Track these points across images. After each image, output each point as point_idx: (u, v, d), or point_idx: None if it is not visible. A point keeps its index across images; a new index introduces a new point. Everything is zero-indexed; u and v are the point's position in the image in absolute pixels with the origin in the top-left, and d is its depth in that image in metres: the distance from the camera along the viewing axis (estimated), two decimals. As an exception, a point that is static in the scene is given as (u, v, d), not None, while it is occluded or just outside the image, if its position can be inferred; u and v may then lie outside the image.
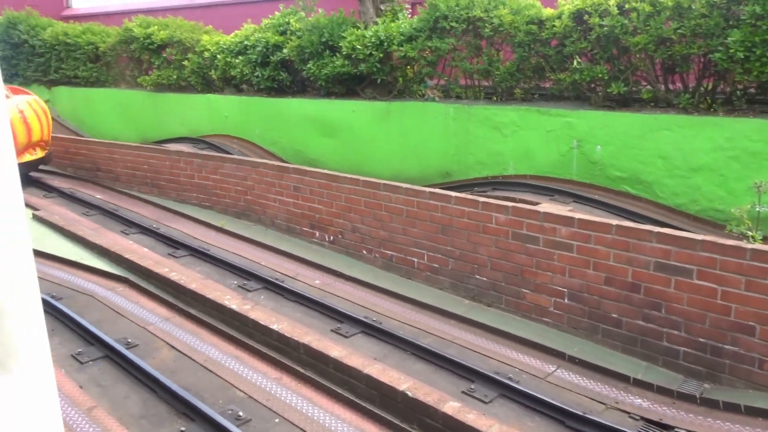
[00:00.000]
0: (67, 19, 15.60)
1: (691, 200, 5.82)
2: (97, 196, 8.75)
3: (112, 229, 7.34)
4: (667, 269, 4.07)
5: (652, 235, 4.14)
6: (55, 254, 6.31)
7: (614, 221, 4.45)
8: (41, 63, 13.23)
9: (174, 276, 5.62)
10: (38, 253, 6.31)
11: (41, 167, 9.71)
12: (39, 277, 4.20)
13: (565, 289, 4.68)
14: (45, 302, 5.08)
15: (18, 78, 13.77)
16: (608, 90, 6.35)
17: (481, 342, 4.69)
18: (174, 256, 6.51)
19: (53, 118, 13.12)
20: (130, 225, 7.46)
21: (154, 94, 11.09)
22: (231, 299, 5.16)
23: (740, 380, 3.88)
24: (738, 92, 5.84)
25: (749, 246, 3.76)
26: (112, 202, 8.40)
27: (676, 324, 4.11)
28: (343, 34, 8.26)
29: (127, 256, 6.12)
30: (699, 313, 3.99)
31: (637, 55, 6.22)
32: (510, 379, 4.08)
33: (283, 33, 9.21)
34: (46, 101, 13.48)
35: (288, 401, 3.98)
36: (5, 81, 13.89)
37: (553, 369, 4.29)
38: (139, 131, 11.53)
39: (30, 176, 9.43)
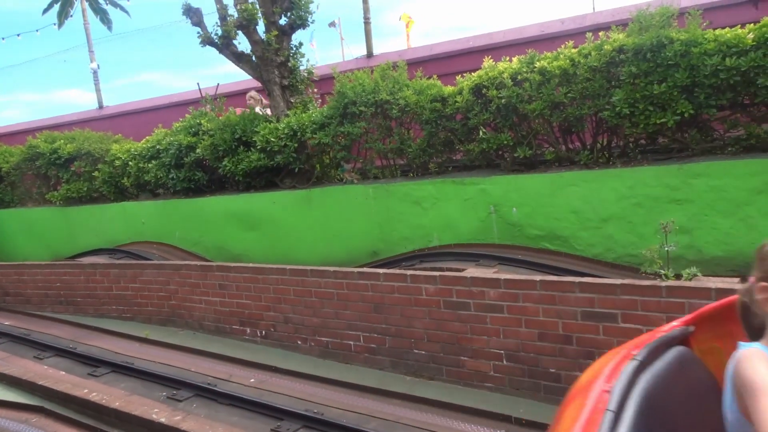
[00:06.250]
0: (-34, 143, 15.04)
1: (606, 249, 6.07)
2: (6, 322, 8.14)
3: (23, 356, 6.80)
4: (594, 317, 4.17)
5: (575, 286, 4.25)
6: (-43, 391, 5.74)
7: (538, 277, 4.55)
8: (-62, 191, 12.55)
9: (94, 396, 5.21)
10: (-63, 393, 5.73)
11: None
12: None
13: (502, 351, 4.68)
14: (-54, 446, 4.56)
15: None
16: (515, 155, 6.67)
17: (427, 417, 4.56)
18: (94, 375, 6.06)
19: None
20: (43, 349, 6.94)
21: (64, 209, 10.69)
22: (159, 412, 4.82)
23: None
24: (631, 144, 6.28)
25: (664, 284, 3.92)
26: (22, 327, 7.84)
27: (612, 370, 4.16)
28: (255, 129, 8.36)
29: (40, 382, 5.66)
30: (631, 355, 4.06)
31: (536, 120, 6.60)
32: (460, 452, 3.95)
33: (195, 134, 9.22)
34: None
35: None
36: None
37: (502, 435, 4.21)
38: (51, 249, 11.00)
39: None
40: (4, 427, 5.01)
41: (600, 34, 6.19)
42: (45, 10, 25.89)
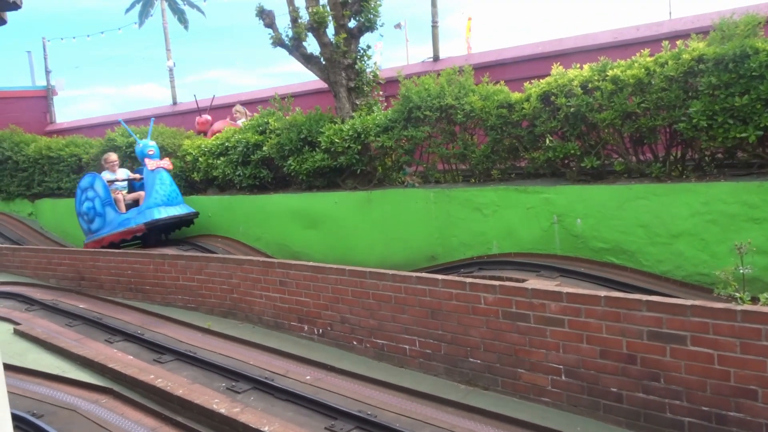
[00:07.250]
0: (51, 134, 15.98)
1: (675, 266, 5.84)
2: (81, 305, 8.58)
3: (95, 339, 7.14)
4: (661, 337, 4.02)
5: (641, 304, 4.11)
6: (35, 369, 6.08)
7: (603, 292, 4.42)
8: (25, 177, 13.39)
9: (159, 383, 5.42)
10: (18, 369, 6.10)
11: None
12: (19, 394, 4.01)
13: (561, 366, 4.58)
14: (24, 420, 4.85)
15: (1, 193, 13.89)
16: (582, 165, 6.52)
17: (482, 428, 4.51)
18: (159, 362, 6.31)
19: (37, 231, 13.13)
20: (114, 333, 7.27)
21: (138, 200, 11.16)
22: (219, 403, 4.96)
23: (751, 448, 3.74)
24: (706, 158, 6.02)
25: (739, 308, 3.74)
26: (95, 311, 8.23)
27: (677, 394, 4.01)
28: (321, 130, 8.50)
29: (110, 365, 5.92)
30: (698, 380, 3.90)
31: (606, 130, 6.43)
32: (514, 466, 3.89)
33: (262, 132, 9.46)
34: (29, 214, 13.57)
35: None
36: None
37: (558, 452, 4.12)
38: (123, 237, 11.48)
39: (18, 294, 9.26)
40: (77, 405, 5.29)
41: (678, 42, 5.97)
42: (127, 10, 27.23)
